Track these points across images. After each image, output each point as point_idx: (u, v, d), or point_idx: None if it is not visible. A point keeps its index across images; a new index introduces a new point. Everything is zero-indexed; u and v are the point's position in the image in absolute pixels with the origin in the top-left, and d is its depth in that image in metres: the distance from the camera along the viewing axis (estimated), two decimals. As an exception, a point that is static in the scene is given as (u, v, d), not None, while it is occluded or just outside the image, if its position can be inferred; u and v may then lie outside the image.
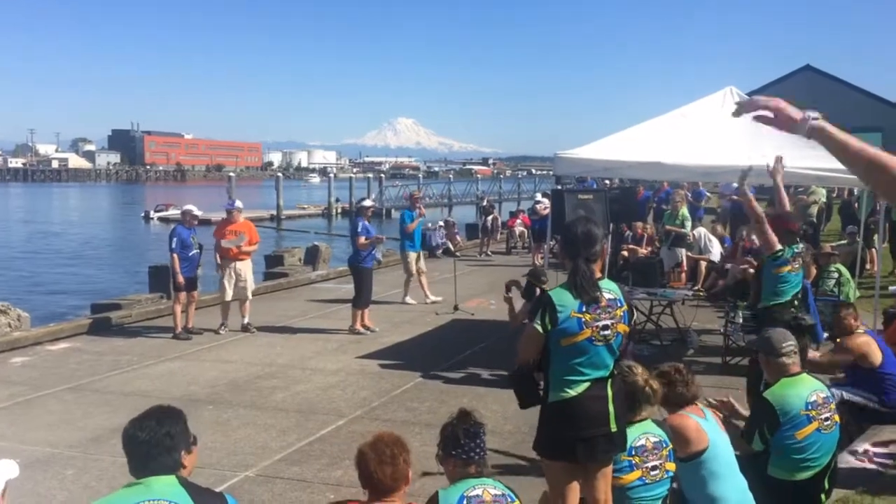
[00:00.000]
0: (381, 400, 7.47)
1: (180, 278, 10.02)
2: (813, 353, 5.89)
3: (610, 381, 3.60)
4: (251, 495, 5.30)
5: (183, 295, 10.14)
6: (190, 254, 10.18)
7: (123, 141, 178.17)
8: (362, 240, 10.43)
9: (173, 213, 44.33)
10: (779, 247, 6.15)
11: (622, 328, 3.63)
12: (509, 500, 3.12)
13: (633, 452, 3.68)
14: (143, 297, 12.31)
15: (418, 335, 10.34)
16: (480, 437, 3.18)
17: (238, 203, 10.89)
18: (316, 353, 9.36)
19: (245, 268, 10.69)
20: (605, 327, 3.54)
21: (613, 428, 3.56)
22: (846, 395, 5.77)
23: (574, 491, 3.62)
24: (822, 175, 7.97)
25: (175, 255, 10.02)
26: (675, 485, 4.14)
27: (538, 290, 5.55)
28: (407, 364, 8.70)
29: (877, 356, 5.81)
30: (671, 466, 3.83)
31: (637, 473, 3.68)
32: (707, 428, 4.17)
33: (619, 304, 3.62)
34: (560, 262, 3.86)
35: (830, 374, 5.92)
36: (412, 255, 12.47)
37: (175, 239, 10.06)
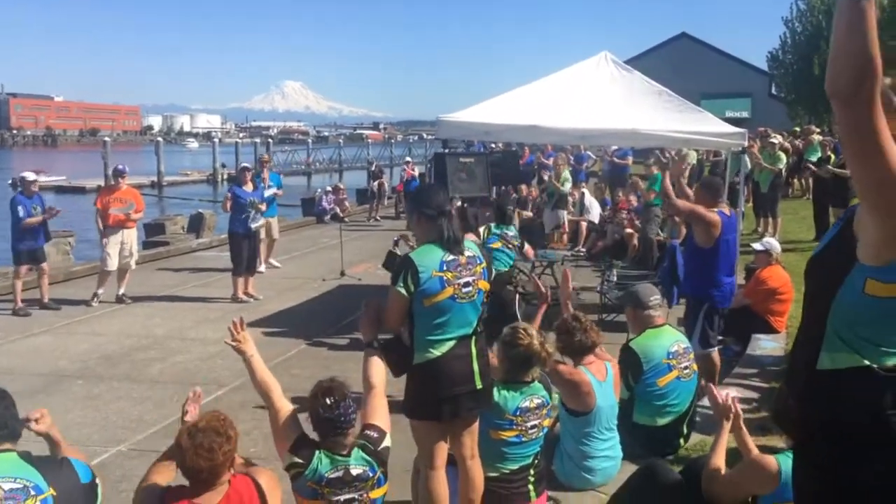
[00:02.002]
0: (264, 368, 7.36)
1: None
2: (682, 203, 5.98)
3: (474, 338, 3.66)
4: (123, 470, 5.13)
5: (24, 268, 9.60)
6: (32, 225, 9.48)
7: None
8: (226, 204, 10.37)
9: (44, 179, 41.73)
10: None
11: (483, 285, 3.70)
12: (371, 473, 3.15)
13: (518, 413, 3.78)
14: (9, 270, 11.56)
15: (303, 302, 10.23)
16: (341, 408, 3.12)
17: (124, 168, 10.51)
18: (196, 322, 9.10)
19: (132, 237, 10.32)
20: (467, 284, 3.60)
21: (478, 385, 3.63)
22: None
23: (442, 449, 3.69)
24: (689, 138, 8.34)
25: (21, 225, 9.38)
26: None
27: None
28: (291, 331, 8.60)
29: (715, 233, 5.75)
30: (548, 423, 3.97)
31: (516, 431, 3.79)
32: (599, 392, 4.34)
33: (478, 261, 3.69)
34: (414, 228, 3.89)
35: (675, 213, 5.95)
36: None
37: (20, 208, 9.38)
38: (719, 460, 3.28)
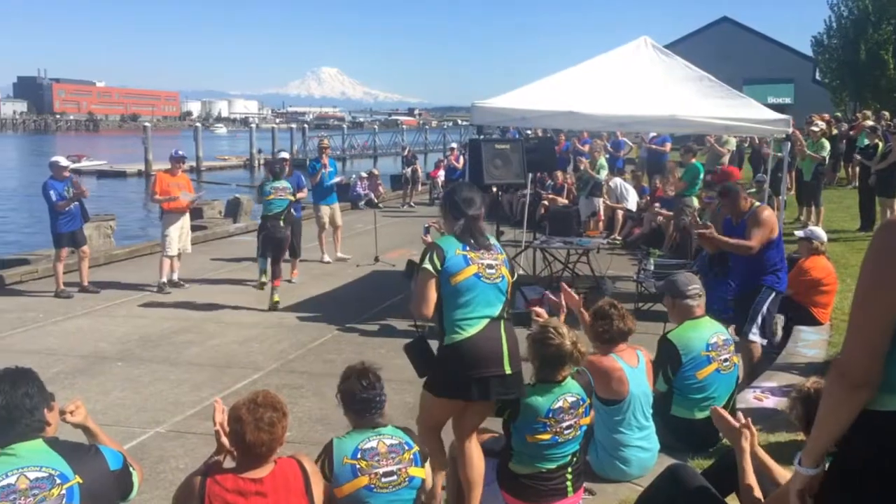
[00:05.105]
0: (298, 352, 7.42)
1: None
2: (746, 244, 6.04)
3: (503, 322, 3.70)
4: (162, 451, 5.22)
5: (65, 251, 9.72)
6: (67, 208, 9.60)
7: (30, 89, 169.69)
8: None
9: (86, 164, 42.50)
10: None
11: (505, 272, 3.77)
12: (406, 447, 3.18)
13: (550, 415, 3.64)
14: (51, 253, 11.80)
15: (338, 287, 10.27)
16: (376, 388, 3.22)
17: (184, 154, 10.80)
18: (233, 306, 9.19)
19: (188, 221, 10.52)
20: (490, 266, 3.69)
21: (508, 370, 3.63)
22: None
23: (445, 419, 3.83)
24: (730, 124, 8.18)
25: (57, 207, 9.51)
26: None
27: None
28: (325, 316, 8.64)
29: (773, 236, 6.00)
30: (586, 421, 3.83)
31: (550, 433, 3.66)
32: (631, 378, 4.26)
33: (499, 251, 3.82)
34: (445, 226, 3.96)
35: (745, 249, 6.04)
36: (322, 210, 12.00)
37: (52, 192, 9.49)
38: (751, 480, 3.16)
